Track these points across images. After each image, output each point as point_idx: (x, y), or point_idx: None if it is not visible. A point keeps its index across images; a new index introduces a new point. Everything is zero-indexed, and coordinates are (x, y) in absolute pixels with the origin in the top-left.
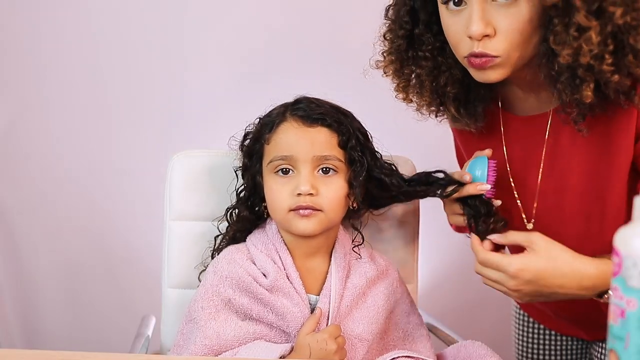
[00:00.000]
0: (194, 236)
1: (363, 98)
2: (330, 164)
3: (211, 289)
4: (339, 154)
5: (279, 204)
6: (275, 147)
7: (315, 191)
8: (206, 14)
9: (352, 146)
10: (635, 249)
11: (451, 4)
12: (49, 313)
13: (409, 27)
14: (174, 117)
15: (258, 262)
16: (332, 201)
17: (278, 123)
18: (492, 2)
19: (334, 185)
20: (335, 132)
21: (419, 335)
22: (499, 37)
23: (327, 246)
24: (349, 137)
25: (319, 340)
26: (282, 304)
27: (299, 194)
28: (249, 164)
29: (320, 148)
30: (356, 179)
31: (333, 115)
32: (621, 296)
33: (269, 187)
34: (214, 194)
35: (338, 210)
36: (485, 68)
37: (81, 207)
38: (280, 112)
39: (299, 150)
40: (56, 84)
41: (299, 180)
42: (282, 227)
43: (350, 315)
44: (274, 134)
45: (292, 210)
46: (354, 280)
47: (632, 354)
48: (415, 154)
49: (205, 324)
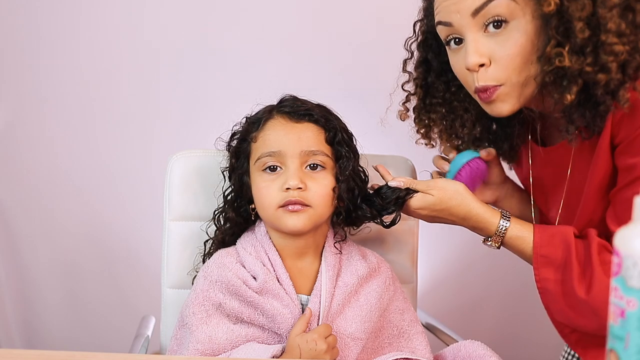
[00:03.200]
0: (194, 236)
1: (363, 98)
2: (317, 160)
3: (202, 294)
4: (327, 150)
5: (267, 201)
6: (263, 144)
7: (304, 186)
8: (206, 14)
9: (339, 141)
10: (635, 249)
11: (452, 43)
12: (49, 313)
13: (423, 77)
14: (173, 117)
15: (247, 265)
16: (321, 196)
17: (265, 120)
18: (485, 34)
19: (322, 181)
20: (322, 127)
21: (415, 332)
22: (495, 65)
23: (317, 245)
24: (335, 133)
25: (308, 340)
26: (272, 306)
27: (288, 189)
28: (236, 164)
29: (308, 143)
30: (342, 173)
31: (319, 111)
32: (621, 296)
33: (257, 185)
34: (213, 194)
35: (326, 206)
36: (493, 100)
37: (81, 208)
38: (267, 110)
39: (286, 145)
40: (55, 84)
41: (288, 175)
42: (272, 226)
43: (343, 314)
44: (261, 132)
45: (281, 207)
46: (345, 278)
47: (632, 354)
48: (415, 154)
49: (197, 329)
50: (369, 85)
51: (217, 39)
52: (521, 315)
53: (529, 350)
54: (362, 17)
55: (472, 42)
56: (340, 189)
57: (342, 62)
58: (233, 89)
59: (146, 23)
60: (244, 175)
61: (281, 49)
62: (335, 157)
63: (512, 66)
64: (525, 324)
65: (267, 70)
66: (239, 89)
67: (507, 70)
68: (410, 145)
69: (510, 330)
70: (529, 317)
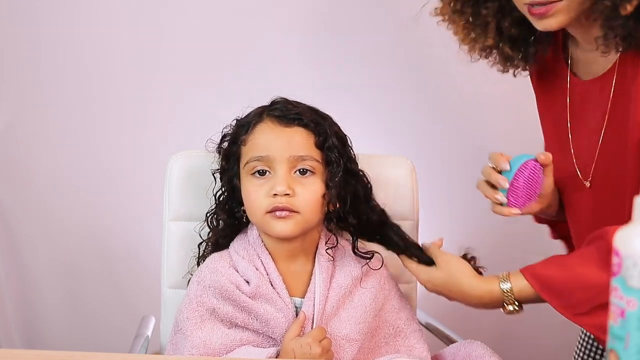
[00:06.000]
0: (193, 236)
1: (363, 98)
2: (307, 165)
3: (195, 299)
4: (316, 155)
5: (256, 206)
6: (252, 148)
7: (291, 192)
8: (206, 14)
9: (329, 146)
10: (635, 249)
11: None
12: (49, 313)
13: None
14: (173, 117)
15: (240, 269)
16: (308, 202)
17: (254, 124)
18: None
19: (311, 186)
20: (312, 132)
21: (411, 330)
22: None
23: (310, 248)
24: (325, 138)
25: (302, 344)
26: (265, 311)
27: (275, 195)
28: (226, 167)
29: (297, 148)
30: (332, 179)
31: (310, 115)
32: (621, 296)
33: (246, 189)
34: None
35: (315, 212)
36: (546, 16)
37: (80, 208)
38: (257, 113)
39: (275, 150)
40: (54, 84)
41: (275, 180)
42: (261, 230)
43: (337, 316)
44: (250, 135)
45: (269, 212)
46: (339, 280)
47: (632, 354)
48: (415, 154)
49: (191, 334)
50: (369, 84)
51: (217, 38)
52: (521, 315)
53: (529, 350)
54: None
55: None
56: (330, 195)
57: (342, 61)
58: (234, 89)
59: (147, 23)
60: (234, 178)
61: (281, 49)
62: (326, 162)
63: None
64: (525, 324)
65: (268, 71)
66: (240, 89)
67: None
68: (410, 145)
69: (510, 330)
70: (529, 317)
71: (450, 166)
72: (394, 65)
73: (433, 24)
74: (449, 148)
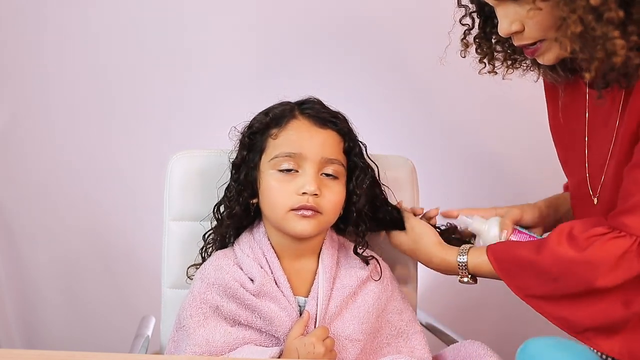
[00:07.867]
0: (194, 236)
1: (363, 98)
2: (334, 168)
3: (199, 297)
4: (343, 160)
5: (280, 203)
6: (284, 143)
7: (319, 192)
8: (206, 14)
9: (356, 154)
10: None
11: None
12: (49, 313)
13: (480, 6)
14: (173, 117)
15: (245, 267)
16: (333, 205)
17: (288, 120)
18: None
19: (336, 189)
20: (343, 137)
21: (413, 331)
22: (527, 30)
23: (315, 247)
24: (354, 144)
25: (306, 344)
26: (269, 309)
27: (304, 193)
28: (247, 157)
29: (330, 151)
30: (360, 186)
31: (342, 120)
32: None
33: (268, 184)
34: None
35: (335, 214)
36: (538, 54)
37: (81, 208)
38: (288, 109)
39: (309, 149)
40: (55, 83)
41: (305, 179)
42: (278, 227)
43: (340, 316)
44: (284, 130)
45: (293, 210)
46: (344, 280)
47: None
48: (415, 154)
49: (194, 332)
50: (369, 84)
51: (217, 38)
52: (521, 315)
53: None
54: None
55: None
56: (360, 200)
57: (342, 61)
58: (234, 89)
59: (147, 23)
60: (253, 170)
61: (282, 49)
62: (349, 168)
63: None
64: (525, 324)
65: (268, 71)
66: (240, 89)
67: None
68: (411, 145)
69: (510, 330)
70: (529, 317)
71: (450, 166)
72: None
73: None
74: (449, 148)
